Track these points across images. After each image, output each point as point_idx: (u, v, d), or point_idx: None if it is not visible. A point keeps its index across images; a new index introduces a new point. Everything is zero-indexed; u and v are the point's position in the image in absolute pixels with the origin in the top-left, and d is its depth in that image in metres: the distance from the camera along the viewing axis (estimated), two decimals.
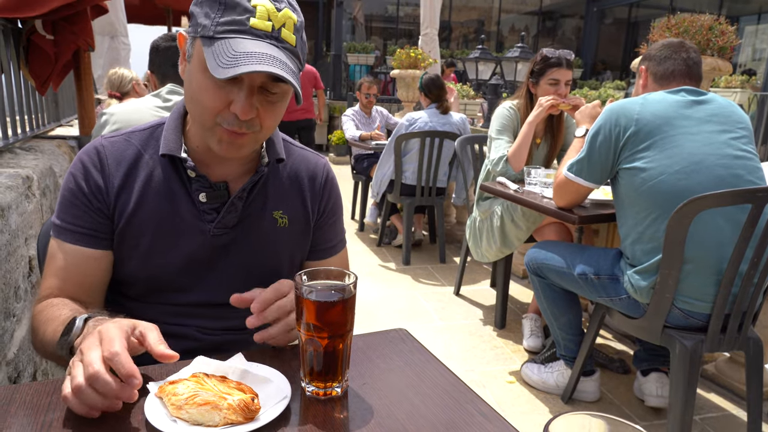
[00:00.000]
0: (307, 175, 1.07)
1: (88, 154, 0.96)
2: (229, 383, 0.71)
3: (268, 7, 0.83)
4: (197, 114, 0.90)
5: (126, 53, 4.89)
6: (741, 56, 12.81)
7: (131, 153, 0.97)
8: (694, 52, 1.90)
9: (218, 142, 0.89)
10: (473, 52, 6.10)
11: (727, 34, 2.45)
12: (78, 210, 0.93)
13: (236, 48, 0.80)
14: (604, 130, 1.83)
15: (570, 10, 15.32)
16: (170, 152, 0.94)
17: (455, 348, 2.69)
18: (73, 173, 0.95)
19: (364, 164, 4.72)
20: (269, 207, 1.01)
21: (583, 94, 6.45)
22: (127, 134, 0.99)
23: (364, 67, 12.18)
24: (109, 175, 0.94)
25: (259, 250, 1.01)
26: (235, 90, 0.84)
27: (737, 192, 1.61)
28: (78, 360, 0.68)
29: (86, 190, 0.93)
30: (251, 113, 0.85)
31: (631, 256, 1.83)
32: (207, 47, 0.82)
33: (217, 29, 0.82)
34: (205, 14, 0.84)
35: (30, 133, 2.33)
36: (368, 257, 4.12)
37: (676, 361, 1.74)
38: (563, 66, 2.59)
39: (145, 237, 0.95)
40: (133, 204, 0.94)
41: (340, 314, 0.73)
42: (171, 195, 0.95)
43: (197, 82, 0.86)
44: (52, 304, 0.90)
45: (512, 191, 2.44)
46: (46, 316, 0.88)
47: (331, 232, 1.12)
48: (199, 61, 0.85)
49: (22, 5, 1.78)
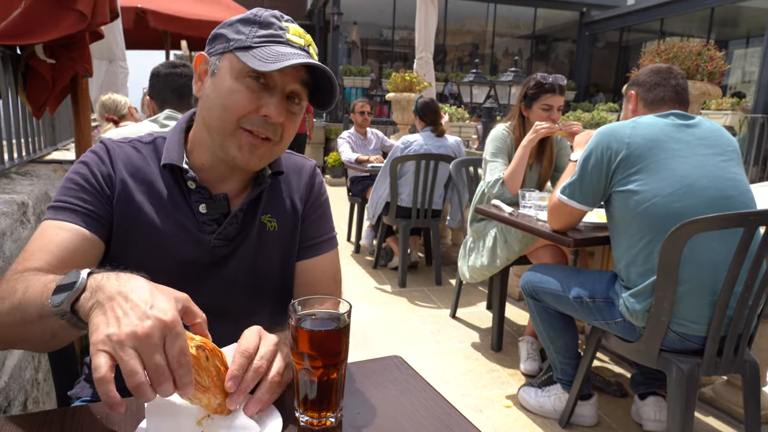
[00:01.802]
0: (296, 176, 1.09)
1: (99, 149, 0.98)
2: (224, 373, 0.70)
3: (298, 29, 0.94)
4: (219, 120, 0.91)
5: (124, 77, 4.93)
6: (731, 79, 13.04)
7: (137, 159, 0.98)
8: (681, 78, 1.94)
9: (239, 149, 0.91)
10: (468, 76, 6.18)
11: (716, 59, 2.50)
12: (86, 193, 0.92)
13: (279, 50, 0.88)
14: (595, 154, 1.85)
15: (562, 34, 15.59)
16: (171, 161, 0.95)
17: (451, 372, 2.67)
18: (85, 162, 0.95)
19: (359, 186, 4.74)
20: (259, 213, 1.02)
21: (576, 116, 6.53)
22: (133, 142, 1.01)
23: (360, 89, 12.32)
24: (117, 170, 0.96)
25: (252, 257, 1.01)
26: (266, 95, 0.89)
27: (729, 216, 1.62)
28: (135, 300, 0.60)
29: (99, 176, 0.94)
30: (282, 116, 0.90)
31: (626, 279, 1.84)
32: (244, 53, 0.88)
33: (254, 41, 0.89)
34: (236, 32, 0.91)
35: (26, 157, 2.33)
36: (364, 279, 4.11)
37: (673, 385, 1.73)
38: (556, 92, 2.64)
39: (143, 244, 0.95)
40: (136, 207, 0.95)
41: (334, 343, 0.73)
42: (172, 205, 0.96)
43: (227, 87, 0.90)
44: (32, 273, 0.79)
45: (507, 214, 2.45)
46: (26, 279, 0.75)
47: (318, 227, 1.10)
48: (231, 69, 0.90)
49: (23, 33, 1.80)
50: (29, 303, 0.71)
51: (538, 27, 14.94)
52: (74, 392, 1.09)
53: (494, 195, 2.67)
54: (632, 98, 2.01)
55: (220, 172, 0.99)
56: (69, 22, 1.83)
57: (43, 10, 1.79)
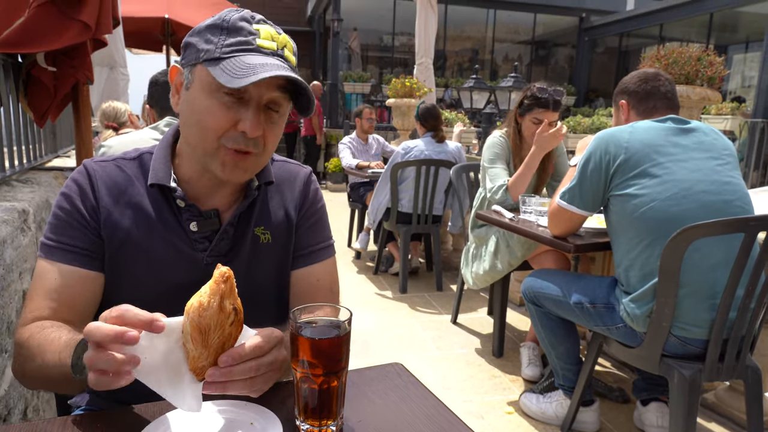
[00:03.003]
0: (289, 185, 1.06)
1: (80, 175, 0.95)
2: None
3: (270, 30, 0.88)
4: (199, 139, 0.89)
5: (125, 84, 4.94)
6: (731, 83, 13.07)
7: (121, 180, 0.96)
8: (669, 83, 1.97)
9: (222, 166, 0.89)
10: (468, 82, 6.20)
11: (716, 65, 2.50)
12: (74, 230, 0.91)
13: (248, 61, 0.83)
14: (594, 158, 1.85)
15: (562, 40, 15.64)
16: (159, 182, 0.93)
17: (453, 378, 2.66)
18: (67, 194, 0.94)
19: (360, 192, 4.74)
20: (252, 225, 1.00)
21: (577, 121, 6.53)
22: (117, 160, 0.98)
23: (360, 95, 12.35)
24: (100, 198, 0.93)
25: (247, 270, 1.00)
26: (242, 109, 0.86)
27: (730, 221, 1.62)
28: (93, 347, 0.66)
29: (82, 209, 0.92)
30: (260, 130, 0.87)
31: (626, 283, 1.84)
32: (213, 67, 0.84)
33: (223, 50, 0.85)
34: (206, 41, 0.87)
35: (27, 165, 2.34)
36: (365, 285, 4.10)
37: (675, 391, 1.73)
38: (549, 108, 2.63)
39: (136, 266, 0.93)
40: (124, 232, 0.93)
41: (334, 351, 0.73)
42: (162, 225, 0.94)
43: (201, 105, 0.87)
44: (44, 327, 0.85)
45: (508, 219, 2.45)
46: (41, 339, 0.83)
47: (313, 234, 1.07)
48: (202, 84, 0.86)
49: (25, 42, 1.81)
50: (51, 366, 0.79)
51: (537, 32, 14.99)
52: (74, 401, 1.08)
53: (497, 200, 2.67)
54: (624, 108, 2.02)
55: (207, 184, 0.96)
56: (73, 33, 1.84)
57: (47, 19, 1.80)
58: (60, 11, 1.81)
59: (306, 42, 15.54)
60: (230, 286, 0.70)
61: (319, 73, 15.19)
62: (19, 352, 0.87)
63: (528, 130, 2.68)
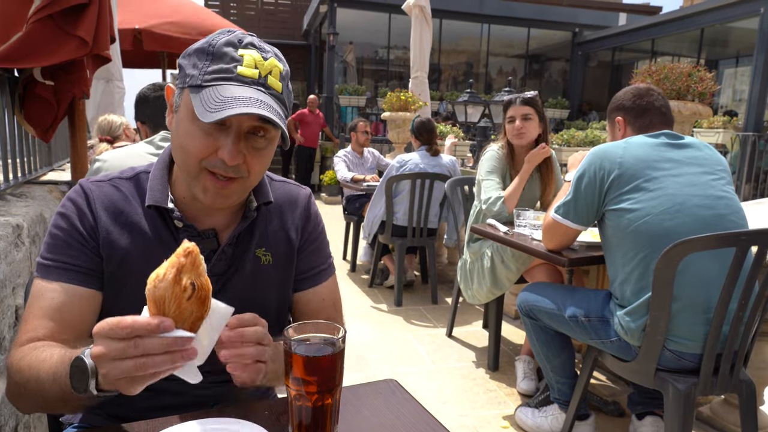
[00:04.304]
0: (290, 207, 1.07)
1: (77, 195, 0.95)
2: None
3: (255, 56, 0.87)
4: (183, 162, 0.89)
5: (120, 97, 4.94)
6: (722, 97, 13.22)
7: (118, 199, 0.96)
8: (663, 98, 2.01)
9: (204, 191, 0.89)
10: (462, 96, 6.24)
11: (706, 80, 2.54)
12: (72, 249, 0.91)
13: (223, 93, 0.82)
14: (588, 173, 1.87)
15: (555, 54, 15.79)
16: (156, 203, 0.93)
17: (448, 391, 2.65)
18: (64, 213, 0.93)
19: (355, 204, 4.75)
20: (253, 247, 1.00)
21: (570, 134, 6.58)
22: (113, 180, 0.98)
23: (355, 108, 12.41)
24: (98, 218, 0.93)
25: (247, 292, 0.99)
26: (222, 136, 0.85)
27: (722, 236, 1.64)
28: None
29: (81, 229, 0.92)
30: (238, 159, 0.86)
31: (620, 297, 1.84)
32: (195, 95, 0.84)
33: (205, 78, 0.85)
34: (193, 65, 0.87)
35: (22, 178, 2.33)
36: (360, 298, 4.09)
37: (670, 405, 1.73)
38: (514, 103, 2.78)
39: (134, 285, 0.92)
40: (121, 252, 0.93)
41: (328, 369, 0.73)
42: (160, 245, 0.94)
43: (184, 130, 0.87)
44: (36, 347, 0.84)
45: (502, 233, 2.46)
46: (32, 359, 0.81)
47: (316, 257, 1.09)
48: (187, 109, 0.87)
49: (21, 57, 1.81)
50: (48, 387, 0.78)
51: (531, 47, 15.13)
52: (66, 418, 1.07)
53: (494, 212, 2.70)
54: (620, 124, 2.04)
55: (201, 203, 0.95)
56: (70, 48, 1.85)
57: (44, 35, 1.81)
58: (57, 26, 1.82)
59: (302, 56, 15.63)
60: (192, 261, 0.69)
61: (315, 86, 15.27)
62: (10, 375, 0.86)
63: (510, 132, 2.82)
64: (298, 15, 15.57)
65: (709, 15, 10.64)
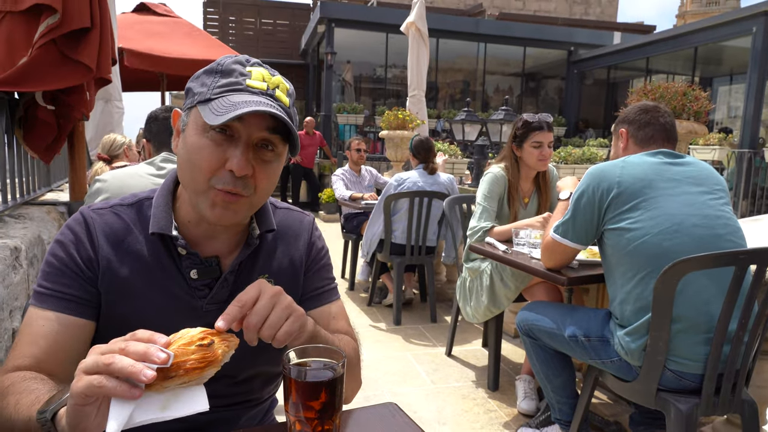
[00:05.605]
0: (294, 234, 1.07)
1: (77, 224, 0.94)
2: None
3: (262, 72, 0.90)
4: (190, 178, 0.89)
5: (119, 117, 4.96)
6: (717, 114, 13.34)
7: (120, 228, 0.95)
8: (669, 116, 2.00)
9: (211, 207, 0.88)
10: (459, 114, 6.28)
11: (701, 99, 2.56)
12: (68, 279, 0.90)
13: (235, 100, 0.84)
14: (587, 193, 1.87)
15: (552, 72, 15.95)
16: (161, 230, 0.93)
17: (449, 412, 2.62)
18: (62, 242, 0.93)
19: (353, 223, 4.75)
20: (256, 274, 1.00)
21: (568, 152, 6.62)
22: (114, 207, 0.98)
23: (353, 126, 12.48)
24: (99, 247, 0.92)
25: None
26: (231, 148, 0.86)
27: (720, 255, 1.64)
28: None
29: (78, 259, 0.91)
30: (247, 169, 0.86)
31: (620, 316, 1.84)
32: (204, 107, 0.86)
33: (214, 91, 0.86)
34: (201, 84, 0.89)
35: (20, 200, 2.33)
36: (359, 317, 4.07)
37: (673, 426, 1.71)
38: (544, 129, 2.72)
39: (135, 315, 0.92)
40: (123, 280, 0.92)
41: (328, 395, 0.72)
42: (162, 273, 0.94)
43: (192, 143, 0.88)
44: (26, 378, 0.82)
45: (501, 252, 2.46)
46: (22, 387, 0.80)
47: (319, 277, 1.09)
48: (196, 123, 0.88)
49: (23, 80, 1.82)
50: (19, 414, 0.76)
51: (527, 65, 15.29)
52: None
53: (475, 240, 2.71)
54: (623, 136, 2.06)
55: (207, 228, 0.95)
56: (75, 76, 1.86)
57: (47, 60, 1.82)
58: (60, 52, 1.84)
59: (300, 75, 15.77)
60: (227, 338, 0.71)
61: (313, 104, 15.38)
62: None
63: (530, 155, 2.75)
64: (296, 35, 15.75)
65: (702, 34, 10.79)
